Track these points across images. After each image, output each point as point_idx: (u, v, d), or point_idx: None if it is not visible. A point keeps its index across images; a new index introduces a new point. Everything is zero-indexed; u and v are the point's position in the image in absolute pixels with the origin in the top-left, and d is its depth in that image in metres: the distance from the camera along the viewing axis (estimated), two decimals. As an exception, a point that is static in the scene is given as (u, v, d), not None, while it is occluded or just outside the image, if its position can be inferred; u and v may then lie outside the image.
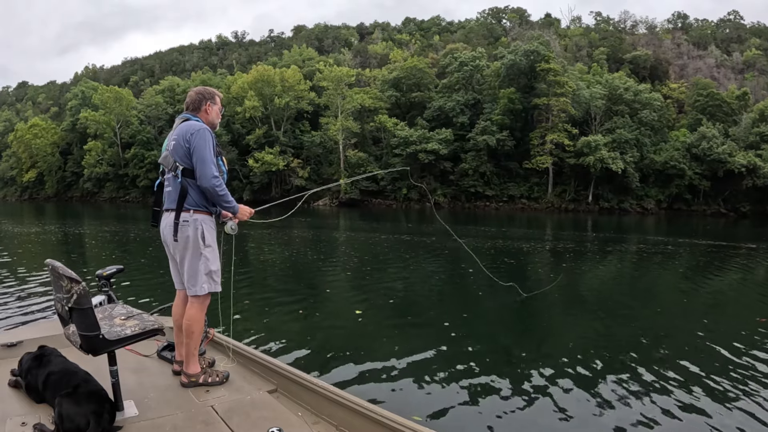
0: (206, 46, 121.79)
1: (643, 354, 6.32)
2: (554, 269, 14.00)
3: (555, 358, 6.13)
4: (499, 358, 6.22)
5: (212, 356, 3.81)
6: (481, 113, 54.95)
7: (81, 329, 2.69)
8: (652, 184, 51.52)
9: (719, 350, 6.40)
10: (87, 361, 2.98)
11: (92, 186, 71.02)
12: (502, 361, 6.06)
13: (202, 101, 3.51)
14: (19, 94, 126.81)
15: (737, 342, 6.72)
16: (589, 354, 6.29)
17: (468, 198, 53.76)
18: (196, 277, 3.35)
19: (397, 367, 5.60)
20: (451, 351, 6.20)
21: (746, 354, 6.26)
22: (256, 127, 60.27)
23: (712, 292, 11.30)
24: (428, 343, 6.66)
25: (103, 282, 4.16)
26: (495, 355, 6.31)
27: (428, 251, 17.09)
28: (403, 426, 2.62)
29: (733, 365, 5.85)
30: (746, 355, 6.23)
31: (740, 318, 8.73)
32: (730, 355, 6.22)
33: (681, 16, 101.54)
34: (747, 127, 51.43)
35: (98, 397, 2.76)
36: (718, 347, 6.51)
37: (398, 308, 8.80)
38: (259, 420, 2.91)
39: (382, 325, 7.61)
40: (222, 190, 3.30)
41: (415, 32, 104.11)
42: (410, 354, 6.07)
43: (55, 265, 2.73)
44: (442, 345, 6.50)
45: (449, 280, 12.34)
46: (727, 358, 6.12)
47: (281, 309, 8.35)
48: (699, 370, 5.68)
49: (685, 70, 73.36)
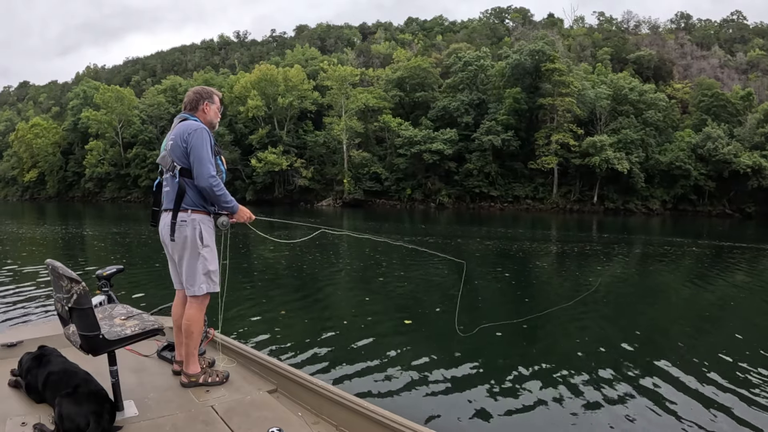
0: (208, 45, 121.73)
1: (650, 356, 6.29)
2: (560, 273, 13.94)
3: (558, 359, 6.10)
4: (499, 358, 6.18)
5: (212, 356, 3.80)
6: (486, 113, 54.86)
7: (81, 329, 2.69)
8: (658, 185, 51.40)
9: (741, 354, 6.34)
10: (87, 361, 2.98)
11: (94, 186, 71.22)
12: (502, 362, 6.02)
13: (200, 101, 3.51)
14: (20, 94, 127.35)
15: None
16: (593, 356, 6.26)
17: (473, 198, 53.71)
18: (195, 277, 3.35)
19: (397, 368, 5.58)
20: (452, 351, 6.17)
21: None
22: (259, 126, 60.32)
23: (729, 295, 11.16)
24: (429, 343, 6.65)
25: (103, 282, 4.16)
26: (496, 356, 6.27)
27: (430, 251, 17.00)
28: (403, 426, 2.61)
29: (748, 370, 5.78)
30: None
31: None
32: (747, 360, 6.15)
33: (684, 16, 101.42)
34: (752, 127, 51.24)
35: (98, 397, 2.76)
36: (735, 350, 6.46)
37: (399, 308, 8.78)
38: (259, 420, 2.90)
39: (382, 325, 7.59)
40: (219, 189, 3.28)
41: (417, 32, 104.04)
42: (411, 354, 6.05)
43: (55, 265, 2.73)
44: (442, 345, 6.48)
45: (448, 280, 12.29)
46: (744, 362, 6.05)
47: (282, 309, 8.34)
48: (710, 372, 5.63)
49: (689, 70, 73.17)
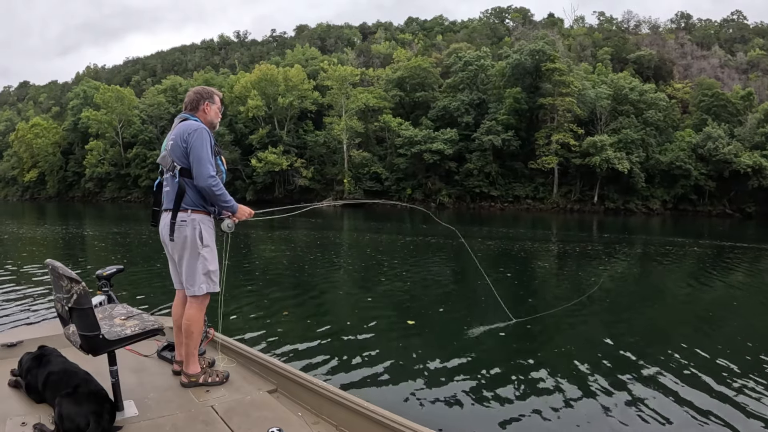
0: (208, 45, 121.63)
1: (652, 357, 6.28)
2: (562, 273, 13.94)
3: (559, 359, 6.11)
4: (500, 359, 6.17)
5: (212, 356, 3.80)
6: (486, 113, 54.78)
7: (81, 329, 2.69)
8: (658, 185, 51.32)
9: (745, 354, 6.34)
10: (87, 361, 2.98)
11: (94, 186, 71.12)
12: (503, 363, 6.01)
13: (200, 101, 3.51)
14: (20, 94, 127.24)
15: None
16: (595, 356, 6.25)
17: (473, 198, 53.64)
18: (195, 277, 3.35)
19: (397, 368, 5.58)
20: (453, 351, 6.17)
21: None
22: (259, 126, 60.28)
23: (731, 295, 11.17)
24: (429, 343, 6.65)
25: (103, 282, 4.16)
26: (497, 356, 6.27)
27: (432, 252, 17.04)
28: (403, 426, 2.61)
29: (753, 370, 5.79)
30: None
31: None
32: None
33: (684, 16, 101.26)
34: (752, 127, 51.19)
35: (98, 397, 2.76)
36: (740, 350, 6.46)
37: (400, 308, 8.78)
38: (259, 420, 2.90)
39: (383, 325, 7.59)
40: (219, 189, 3.29)
41: (417, 32, 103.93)
42: (411, 354, 6.05)
43: (55, 265, 2.73)
44: (443, 345, 6.48)
45: (452, 280, 12.31)
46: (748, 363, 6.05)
47: (282, 309, 8.33)
48: (711, 373, 5.64)
49: (689, 70, 73.09)
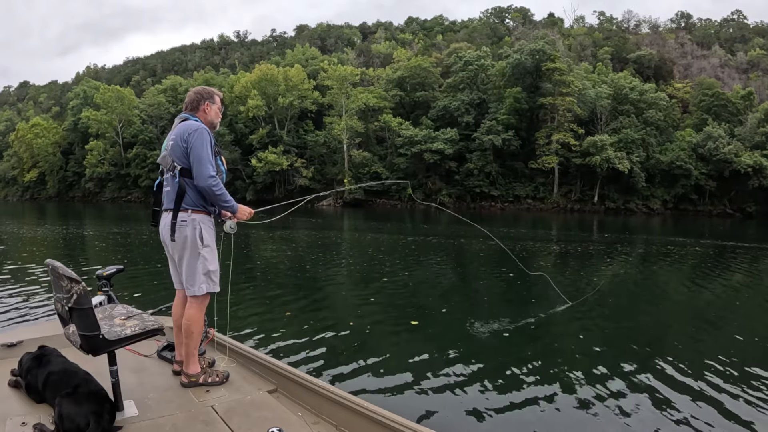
0: (208, 45, 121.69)
1: (653, 357, 6.28)
2: (563, 273, 13.93)
3: (561, 359, 6.10)
4: (501, 359, 6.16)
5: (212, 356, 3.80)
6: (487, 113, 54.79)
7: (81, 329, 2.69)
8: (658, 184, 51.36)
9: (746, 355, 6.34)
10: (87, 361, 2.98)
11: (94, 186, 71.16)
12: (504, 363, 6.00)
13: (201, 101, 3.51)
14: (20, 94, 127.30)
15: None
16: (597, 356, 6.26)
17: (473, 198, 53.66)
18: (195, 277, 3.35)
19: (397, 368, 5.58)
20: (453, 351, 6.17)
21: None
22: (259, 126, 60.30)
23: (733, 295, 11.15)
24: (430, 343, 6.64)
25: (103, 282, 4.16)
26: (497, 356, 6.26)
27: (434, 252, 17.04)
28: (403, 426, 2.61)
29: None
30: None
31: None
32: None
33: (684, 15, 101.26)
34: (752, 127, 51.20)
35: (98, 397, 2.76)
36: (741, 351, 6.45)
37: (400, 308, 8.76)
38: (259, 420, 2.90)
39: (383, 325, 7.59)
40: (219, 189, 3.29)
41: (418, 32, 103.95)
42: (411, 354, 6.04)
43: (55, 265, 2.72)
44: (443, 345, 6.47)
45: (452, 280, 12.31)
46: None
47: (282, 309, 8.33)
48: (712, 373, 5.63)
49: (690, 69, 73.11)
